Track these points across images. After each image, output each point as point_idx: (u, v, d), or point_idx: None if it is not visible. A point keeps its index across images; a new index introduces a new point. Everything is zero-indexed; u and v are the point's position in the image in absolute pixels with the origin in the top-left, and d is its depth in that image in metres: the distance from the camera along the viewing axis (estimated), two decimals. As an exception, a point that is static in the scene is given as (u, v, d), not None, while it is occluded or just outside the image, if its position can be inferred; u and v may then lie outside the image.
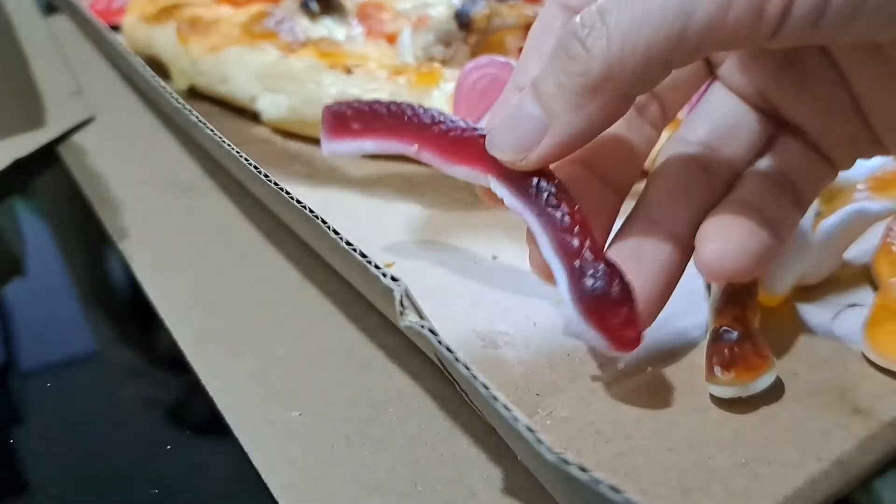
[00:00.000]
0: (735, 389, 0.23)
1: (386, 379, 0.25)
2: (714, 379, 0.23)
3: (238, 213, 0.35)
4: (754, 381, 0.23)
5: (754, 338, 0.24)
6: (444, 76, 0.38)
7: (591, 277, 0.21)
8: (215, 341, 0.27)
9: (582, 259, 0.21)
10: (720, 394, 0.23)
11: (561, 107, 0.21)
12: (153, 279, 0.31)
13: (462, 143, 0.24)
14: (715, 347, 0.24)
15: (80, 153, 0.41)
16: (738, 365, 0.23)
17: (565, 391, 0.24)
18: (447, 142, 0.24)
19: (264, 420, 0.24)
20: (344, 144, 0.27)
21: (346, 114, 0.27)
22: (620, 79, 0.20)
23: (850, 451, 0.22)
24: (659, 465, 0.22)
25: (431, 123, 0.25)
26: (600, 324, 0.21)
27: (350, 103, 0.27)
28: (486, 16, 0.40)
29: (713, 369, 0.23)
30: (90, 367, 0.28)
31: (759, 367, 0.23)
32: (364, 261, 0.21)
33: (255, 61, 0.41)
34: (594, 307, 0.21)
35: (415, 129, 0.25)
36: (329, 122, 0.28)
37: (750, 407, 0.23)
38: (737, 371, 0.23)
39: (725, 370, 0.23)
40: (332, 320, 0.28)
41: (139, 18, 0.48)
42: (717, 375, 0.23)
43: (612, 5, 0.20)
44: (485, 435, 0.23)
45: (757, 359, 0.23)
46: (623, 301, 0.21)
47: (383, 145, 0.26)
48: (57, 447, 0.24)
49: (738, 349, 0.23)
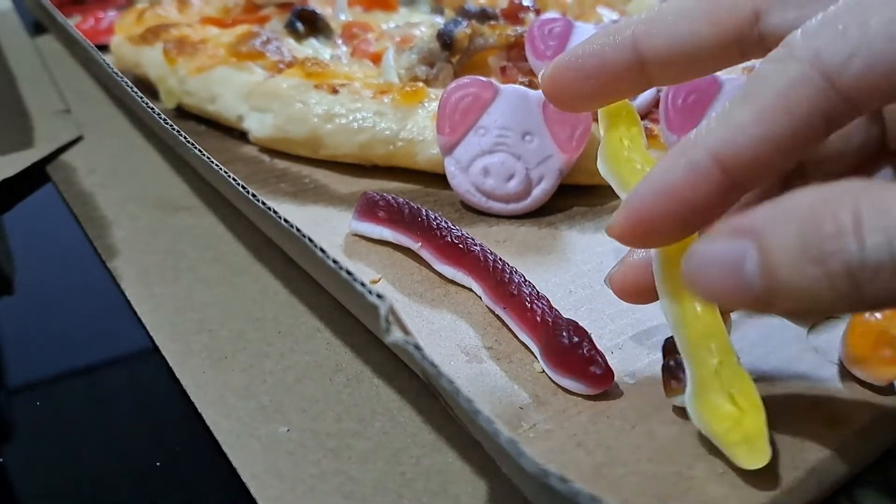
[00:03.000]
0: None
1: (372, 394, 0.26)
2: (670, 391, 0.24)
3: (226, 230, 0.35)
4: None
5: None
6: (428, 95, 0.39)
7: (554, 338, 0.25)
8: (203, 357, 0.28)
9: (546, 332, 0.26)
10: (681, 403, 0.23)
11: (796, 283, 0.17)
12: (141, 296, 0.31)
13: (452, 249, 0.30)
14: (667, 358, 0.24)
15: (68, 172, 0.41)
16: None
17: (548, 404, 0.25)
18: (444, 245, 0.31)
19: (252, 435, 0.24)
20: (367, 226, 0.33)
21: (378, 203, 0.33)
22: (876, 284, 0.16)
23: (824, 459, 0.23)
24: (638, 476, 0.22)
25: (437, 227, 0.31)
26: (569, 371, 0.25)
27: (384, 195, 0.33)
28: (467, 35, 0.41)
29: (668, 381, 0.24)
30: (79, 384, 0.29)
31: None
32: (350, 278, 0.21)
33: (242, 81, 0.42)
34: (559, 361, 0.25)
35: (423, 229, 0.31)
36: (363, 205, 0.33)
37: (727, 417, 0.24)
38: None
39: (677, 380, 0.23)
40: (319, 336, 0.29)
41: (126, 39, 0.49)
42: (672, 387, 0.23)
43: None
44: (470, 448, 0.24)
45: None
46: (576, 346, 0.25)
47: (397, 236, 0.32)
48: (46, 464, 0.25)
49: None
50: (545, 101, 0.36)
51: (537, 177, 0.36)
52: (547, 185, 0.36)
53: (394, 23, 0.49)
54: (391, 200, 0.33)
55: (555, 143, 0.36)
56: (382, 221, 0.33)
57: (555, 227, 0.36)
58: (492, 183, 0.35)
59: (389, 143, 0.38)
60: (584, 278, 0.32)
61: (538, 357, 0.26)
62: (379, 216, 0.33)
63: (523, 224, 0.36)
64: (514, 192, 0.35)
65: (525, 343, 0.27)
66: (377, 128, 0.38)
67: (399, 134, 0.38)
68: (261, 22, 0.48)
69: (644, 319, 0.29)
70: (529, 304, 0.27)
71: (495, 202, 0.36)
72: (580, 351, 0.25)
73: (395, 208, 0.32)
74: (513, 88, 0.36)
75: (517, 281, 0.28)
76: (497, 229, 0.35)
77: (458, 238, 0.31)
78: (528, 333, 0.27)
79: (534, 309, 0.27)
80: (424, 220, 0.32)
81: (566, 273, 0.32)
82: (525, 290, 0.28)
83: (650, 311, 0.29)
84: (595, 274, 0.32)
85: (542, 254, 0.33)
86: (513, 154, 0.35)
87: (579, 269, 0.32)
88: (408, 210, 0.32)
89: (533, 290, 0.28)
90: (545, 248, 0.34)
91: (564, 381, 0.25)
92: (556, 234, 0.35)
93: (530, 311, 0.27)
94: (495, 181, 0.35)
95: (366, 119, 0.38)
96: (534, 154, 0.36)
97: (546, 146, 0.36)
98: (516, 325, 0.27)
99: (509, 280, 0.28)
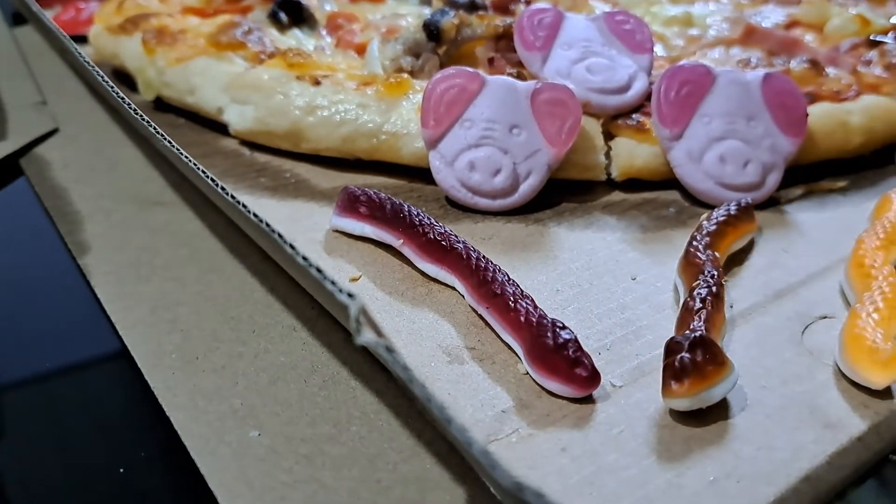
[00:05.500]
0: (690, 401, 0.23)
1: (349, 396, 0.25)
2: (669, 392, 0.23)
3: (202, 226, 0.34)
4: (709, 390, 0.23)
5: (707, 345, 0.23)
6: (413, 87, 0.37)
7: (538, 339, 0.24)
8: (174, 358, 0.27)
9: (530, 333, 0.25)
10: (678, 407, 0.23)
11: None
12: (112, 294, 0.30)
13: (435, 246, 0.29)
14: (667, 359, 0.23)
15: (42, 166, 0.40)
16: (691, 375, 0.22)
17: (532, 407, 0.24)
18: (426, 242, 0.29)
19: (222, 440, 0.23)
20: (348, 222, 0.32)
21: (360, 198, 0.32)
22: None
23: (819, 466, 0.22)
24: (627, 485, 0.21)
25: (419, 223, 0.30)
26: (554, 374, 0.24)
27: (365, 190, 0.32)
28: (455, 26, 0.40)
29: (667, 382, 0.23)
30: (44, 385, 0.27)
31: (713, 375, 0.23)
32: (320, 276, 0.20)
33: (222, 72, 0.41)
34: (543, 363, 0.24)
35: (404, 225, 0.30)
36: (343, 200, 0.32)
37: (719, 422, 0.23)
38: (690, 381, 0.22)
39: (678, 381, 0.22)
40: (295, 336, 0.27)
41: (105, 28, 0.47)
42: (672, 388, 0.22)
43: None
44: (448, 454, 0.22)
45: (711, 367, 0.23)
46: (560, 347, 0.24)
47: (378, 232, 0.31)
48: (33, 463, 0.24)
49: (689, 359, 0.23)
50: (533, 93, 0.35)
51: (525, 172, 0.35)
52: (535, 181, 0.35)
53: (381, 14, 0.48)
54: (373, 195, 0.32)
55: (543, 136, 0.34)
56: (364, 217, 0.31)
57: (542, 223, 0.34)
58: (478, 178, 0.34)
59: (373, 137, 0.37)
60: (572, 276, 0.30)
61: (522, 358, 0.25)
62: (360, 212, 0.31)
63: (510, 221, 0.35)
64: (500, 187, 0.34)
65: (509, 344, 0.26)
66: (360, 120, 0.37)
67: (383, 127, 0.37)
68: (243, 12, 0.47)
69: (633, 319, 0.28)
70: (513, 304, 0.26)
71: (481, 198, 0.35)
72: (565, 352, 0.24)
73: (377, 204, 0.31)
74: (500, 80, 0.35)
75: (500, 279, 0.27)
76: (482, 226, 0.34)
77: (440, 235, 0.29)
78: (512, 334, 0.26)
79: (517, 308, 0.26)
80: (406, 215, 0.30)
81: (553, 271, 0.31)
82: (509, 289, 0.27)
83: (639, 310, 0.28)
84: (583, 272, 0.31)
85: (529, 251, 0.32)
86: (500, 148, 0.34)
87: (567, 266, 0.31)
88: (389, 206, 0.31)
89: (517, 289, 0.27)
90: (532, 245, 0.33)
91: (549, 384, 0.24)
92: (543, 230, 0.34)
93: (514, 310, 0.26)
94: (481, 176, 0.34)
95: (348, 111, 0.37)
96: (521, 148, 0.34)
97: (534, 140, 0.34)
98: (499, 325, 0.26)
99: (492, 279, 0.27)
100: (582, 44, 0.39)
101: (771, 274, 0.30)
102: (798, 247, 0.32)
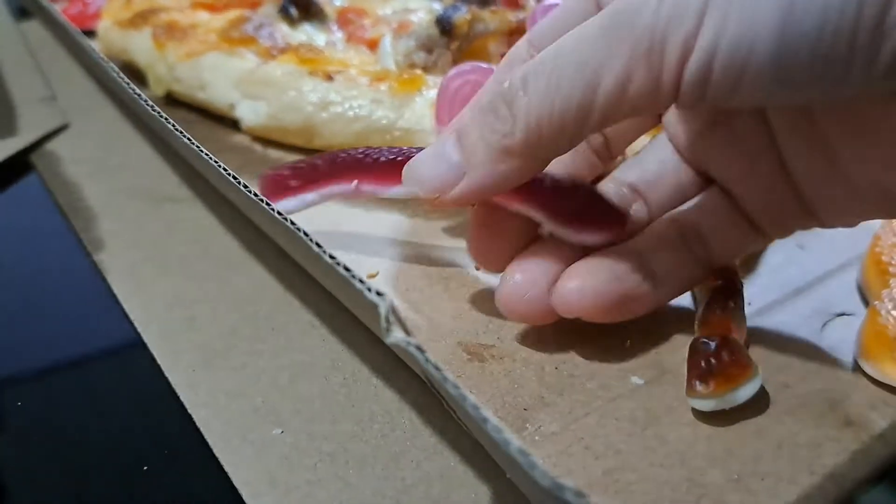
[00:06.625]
0: (715, 402, 0.23)
1: (371, 394, 0.25)
2: (694, 392, 0.23)
3: (217, 223, 0.34)
4: (734, 391, 0.23)
5: (733, 346, 0.23)
6: (426, 82, 0.37)
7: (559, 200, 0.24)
8: (193, 356, 0.27)
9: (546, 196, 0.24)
10: (702, 407, 0.23)
11: (480, 159, 0.22)
12: (129, 291, 0.30)
13: (393, 166, 0.26)
14: (692, 360, 0.23)
15: (53, 161, 0.40)
16: (717, 376, 0.22)
17: (554, 405, 0.24)
18: (383, 167, 0.26)
19: (244, 438, 0.23)
20: (285, 203, 0.29)
21: (283, 174, 0.29)
22: (538, 145, 0.22)
23: (842, 464, 0.22)
24: (650, 482, 0.21)
25: (364, 157, 0.27)
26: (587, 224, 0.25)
27: (286, 165, 0.29)
28: (467, 21, 0.40)
29: (692, 383, 0.23)
30: (62, 381, 0.27)
31: (738, 376, 0.23)
32: (348, 274, 0.20)
33: (234, 67, 0.41)
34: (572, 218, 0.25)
35: (349, 167, 0.27)
36: (267, 187, 0.29)
37: (741, 420, 0.23)
38: (716, 382, 0.22)
39: (703, 382, 0.22)
40: (314, 333, 0.27)
41: (114, 23, 0.47)
42: (697, 389, 0.23)
43: (532, 72, 0.21)
44: (472, 451, 0.23)
45: (736, 368, 0.23)
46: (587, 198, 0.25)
47: (324, 192, 0.28)
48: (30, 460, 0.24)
49: (716, 359, 0.23)
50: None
51: (539, 168, 0.34)
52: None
53: (391, 8, 0.48)
54: (297, 164, 0.29)
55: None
56: (299, 189, 0.28)
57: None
58: (492, 174, 0.34)
59: (386, 133, 0.37)
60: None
61: (543, 223, 0.25)
62: (292, 186, 0.28)
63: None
64: (515, 183, 0.34)
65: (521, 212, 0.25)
66: (373, 116, 0.37)
67: (396, 123, 0.37)
68: (253, 6, 0.47)
69: (653, 317, 0.28)
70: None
71: (496, 194, 0.34)
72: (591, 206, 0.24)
73: (306, 168, 0.28)
74: (514, 76, 0.35)
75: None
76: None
77: (393, 152, 0.27)
78: (523, 205, 0.25)
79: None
80: (346, 157, 0.28)
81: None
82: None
83: (660, 309, 0.28)
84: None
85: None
86: (514, 144, 0.34)
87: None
88: (320, 160, 0.28)
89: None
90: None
91: (584, 237, 0.25)
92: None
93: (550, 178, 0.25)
94: (496, 172, 0.34)
95: (362, 107, 0.37)
96: (536, 144, 0.34)
97: (548, 136, 0.34)
98: (505, 203, 0.25)
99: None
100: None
101: (787, 271, 0.30)
102: (814, 244, 0.32)
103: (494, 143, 0.22)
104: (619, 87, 0.20)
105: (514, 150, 0.22)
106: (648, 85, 0.19)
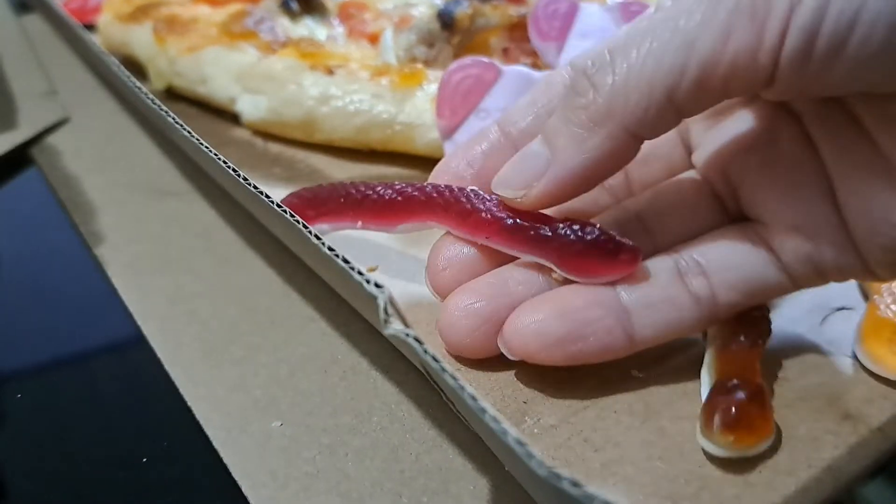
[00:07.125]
0: (730, 451, 0.21)
1: (370, 387, 0.25)
2: (711, 436, 0.21)
3: (217, 217, 0.34)
4: (754, 446, 0.21)
5: (764, 400, 0.22)
6: (427, 77, 0.37)
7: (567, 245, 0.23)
8: (194, 349, 0.27)
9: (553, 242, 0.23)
10: (712, 451, 0.21)
11: (563, 141, 0.21)
12: (130, 285, 0.30)
13: (396, 205, 0.26)
14: (717, 400, 0.22)
15: (54, 155, 0.40)
16: (742, 427, 0.21)
17: (553, 398, 0.24)
18: (382, 207, 0.26)
19: (244, 431, 0.23)
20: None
21: (296, 204, 0.28)
22: (624, 112, 0.20)
23: (840, 457, 0.22)
24: (649, 475, 0.21)
25: (363, 198, 0.26)
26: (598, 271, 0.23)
27: (296, 193, 0.28)
28: (468, 15, 0.39)
29: (712, 425, 0.21)
30: (63, 374, 0.28)
31: (761, 431, 0.21)
32: (347, 267, 0.20)
33: (235, 61, 0.41)
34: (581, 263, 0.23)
35: (351, 208, 0.27)
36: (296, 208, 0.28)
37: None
38: (738, 434, 0.21)
39: (727, 431, 0.21)
40: (313, 326, 0.28)
41: (114, 17, 0.47)
42: (716, 433, 0.21)
43: (621, 44, 0.20)
44: (471, 444, 0.23)
45: (761, 422, 0.21)
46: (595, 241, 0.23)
47: (336, 225, 0.27)
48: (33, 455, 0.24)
49: (744, 410, 0.21)
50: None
51: (539, 162, 0.34)
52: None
53: (391, 2, 0.48)
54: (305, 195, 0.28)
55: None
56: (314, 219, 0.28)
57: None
58: (492, 168, 0.34)
59: (387, 127, 0.37)
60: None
61: (554, 268, 0.24)
62: (308, 215, 0.28)
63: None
64: (515, 177, 0.34)
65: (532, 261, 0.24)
66: (374, 111, 0.37)
67: (397, 117, 0.37)
68: (254, 1, 0.47)
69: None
70: (513, 223, 0.24)
71: (496, 188, 0.34)
72: (601, 247, 0.23)
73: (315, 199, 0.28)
74: (516, 70, 0.35)
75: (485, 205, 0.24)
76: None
77: (394, 191, 0.26)
78: (531, 252, 0.24)
79: (521, 225, 0.23)
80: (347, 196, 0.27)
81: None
82: (498, 212, 0.24)
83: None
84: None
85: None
86: (514, 138, 0.34)
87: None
88: (326, 195, 0.27)
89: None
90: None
91: (596, 280, 0.23)
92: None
93: (518, 228, 0.24)
94: (496, 166, 0.34)
95: (362, 102, 0.37)
96: (536, 138, 0.34)
97: (549, 130, 0.34)
98: (511, 249, 0.24)
99: (473, 208, 0.24)
100: (597, 34, 0.39)
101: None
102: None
103: (576, 117, 0.20)
104: (717, 44, 0.18)
105: (596, 118, 0.20)
106: (749, 42, 0.18)
